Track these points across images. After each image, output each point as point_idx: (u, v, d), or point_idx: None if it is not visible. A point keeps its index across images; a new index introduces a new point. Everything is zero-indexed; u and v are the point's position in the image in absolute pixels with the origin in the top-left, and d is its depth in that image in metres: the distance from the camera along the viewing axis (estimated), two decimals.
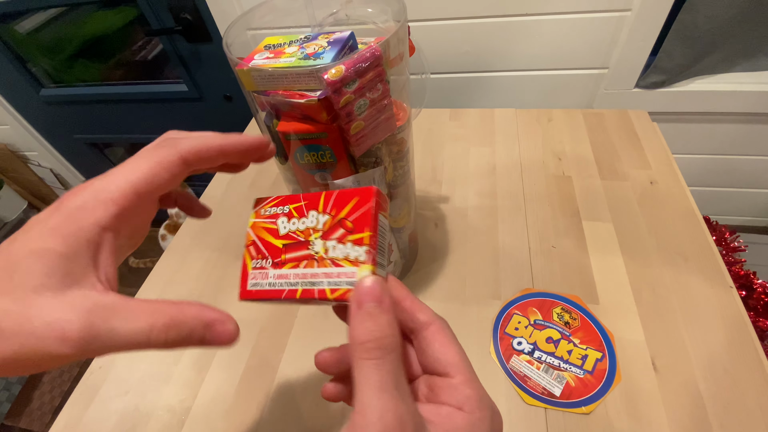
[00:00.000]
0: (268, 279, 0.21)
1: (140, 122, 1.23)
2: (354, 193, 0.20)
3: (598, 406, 0.42)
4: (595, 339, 0.47)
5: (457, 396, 0.19)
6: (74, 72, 1.27)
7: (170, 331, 0.17)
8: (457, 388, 0.19)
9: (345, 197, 0.21)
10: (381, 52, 0.28)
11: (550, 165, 0.67)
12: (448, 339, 0.21)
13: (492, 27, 0.78)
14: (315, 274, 0.20)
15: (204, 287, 0.58)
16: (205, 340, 0.18)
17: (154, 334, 0.16)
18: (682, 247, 0.54)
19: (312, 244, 0.20)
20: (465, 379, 0.20)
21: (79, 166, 1.45)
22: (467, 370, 0.20)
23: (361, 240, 0.19)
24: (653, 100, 0.85)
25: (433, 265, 0.56)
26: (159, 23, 0.92)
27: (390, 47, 0.32)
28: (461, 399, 0.19)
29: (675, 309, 0.48)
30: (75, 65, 1.28)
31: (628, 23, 0.74)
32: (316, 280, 0.20)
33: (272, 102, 0.30)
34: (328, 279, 0.19)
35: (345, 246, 0.19)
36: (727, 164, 0.98)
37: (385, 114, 0.32)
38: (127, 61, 1.26)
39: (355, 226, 0.19)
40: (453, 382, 0.20)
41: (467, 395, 0.19)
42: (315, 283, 0.20)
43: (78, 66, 1.28)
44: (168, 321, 0.17)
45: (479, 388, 0.20)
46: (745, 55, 0.80)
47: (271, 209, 0.24)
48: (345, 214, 0.20)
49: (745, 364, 0.43)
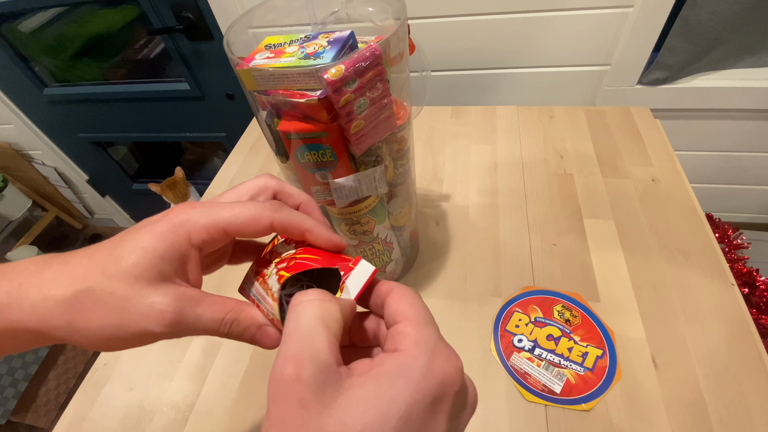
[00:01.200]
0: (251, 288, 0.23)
1: (143, 121, 1.24)
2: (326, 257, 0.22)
3: (598, 403, 0.42)
4: (596, 336, 0.47)
5: (396, 338, 0.18)
6: (77, 71, 1.27)
7: (233, 325, 0.21)
8: (397, 330, 0.18)
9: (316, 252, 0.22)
10: (381, 51, 0.28)
11: (551, 162, 0.67)
12: (403, 293, 0.20)
13: (494, 24, 0.78)
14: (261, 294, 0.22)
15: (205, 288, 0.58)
16: (255, 339, 0.22)
17: (223, 325, 0.20)
18: (683, 245, 0.54)
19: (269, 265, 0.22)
20: (408, 322, 0.18)
21: (82, 165, 1.46)
22: (415, 314, 0.19)
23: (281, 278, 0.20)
24: (656, 97, 0.84)
25: (435, 263, 0.56)
26: (161, 22, 0.92)
27: (390, 46, 0.32)
28: (398, 339, 0.18)
29: (676, 306, 0.48)
30: (78, 64, 1.28)
31: (630, 20, 0.73)
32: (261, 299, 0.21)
33: (273, 101, 0.31)
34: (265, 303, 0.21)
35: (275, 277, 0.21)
36: (731, 161, 0.97)
37: (386, 113, 0.32)
38: (129, 59, 1.26)
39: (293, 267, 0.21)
40: (398, 327, 0.18)
41: (404, 334, 0.18)
42: (260, 301, 0.21)
43: (81, 65, 1.29)
44: (234, 317, 0.21)
45: (423, 329, 0.18)
46: (749, 50, 0.79)
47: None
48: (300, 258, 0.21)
49: (746, 361, 0.43)
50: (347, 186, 0.36)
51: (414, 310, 0.19)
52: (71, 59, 1.27)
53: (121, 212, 1.70)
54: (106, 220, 1.75)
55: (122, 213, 1.70)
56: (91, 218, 1.76)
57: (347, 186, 0.36)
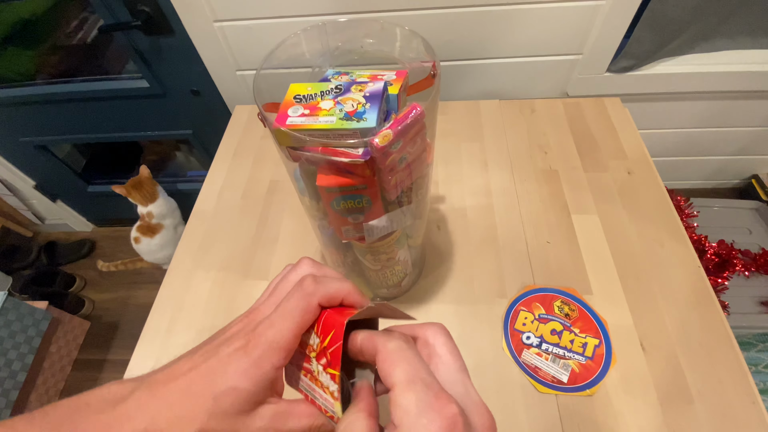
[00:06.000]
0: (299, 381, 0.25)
1: (95, 121, 1.13)
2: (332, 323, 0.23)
3: (599, 387, 0.48)
4: (592, 327, 0.53)
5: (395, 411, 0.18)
6: (3, 61, 1.13)
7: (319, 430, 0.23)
8: (394, 402, 0.18)
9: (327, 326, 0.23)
10: (423, 111, 0.29)
11: (537, 159, 0.71)
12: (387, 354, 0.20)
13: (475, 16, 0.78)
14: (313, 388, 0.23)
15: (216, 310, 0.58)
16: None
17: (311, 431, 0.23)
18: (658, 234, 0.60)
19: (311, 362, 0.23)
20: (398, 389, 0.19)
21: (27, 170, 1.32)
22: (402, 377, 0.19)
23: (334, 377, 0.22)
24: (622, 83, 0.90)
25: (441, 269, 0.59)
26: (112, 17, 0.83)
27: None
28: (396, 414, 0.18)
29: (656, 293, 0.55)
30: (3, 54, 1.14)
31: (602, 12, 0.76)
32: (316, 395, 0.23)
33: (312, 159, 0.31)
34: (322, 399, 0.23)
35: (326, 375, 0.22)
36: (686, 136, 1.07)
37: (420, 158, 0.33)
38: (63, 45, 1.13)
39: (331, 359, 0.22)
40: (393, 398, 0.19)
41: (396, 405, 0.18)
42: (315, 397, 0.23)
43: (7, 55, 1.14)
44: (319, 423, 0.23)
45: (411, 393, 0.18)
46: (705, 37, 0.86)
47: None
48: (327, 344, 0.23)
49: (715, 337, 0.51)
50: (380, 226, 0.37)
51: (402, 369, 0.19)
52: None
53: (77, 216, 1.57)
54: (60, 225, 1.61)
55: (77, 217, 1.58)
56: (41, 224, 1.62)
57: (380, 226, 0.37)
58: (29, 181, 1.36)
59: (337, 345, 0.21)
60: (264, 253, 0.63)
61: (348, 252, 0.48)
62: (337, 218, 0.37)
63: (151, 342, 0.56)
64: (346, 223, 0.37)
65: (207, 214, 0.69)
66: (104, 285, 1.50)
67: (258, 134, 0.80)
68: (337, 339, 0.21)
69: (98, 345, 1.35)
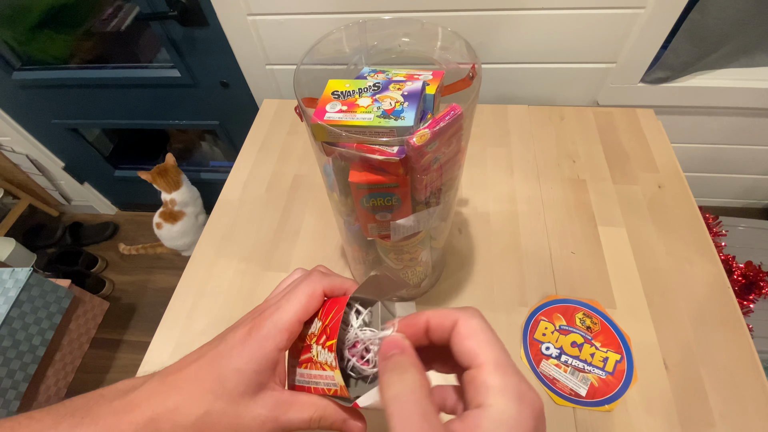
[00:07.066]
0: (296, 376, 0.26)
1: (125, 107, 1.16)
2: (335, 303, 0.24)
3: (619, 404, 0.47)
4: (614, 342, 0.51)
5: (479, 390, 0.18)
6: (38, 44, 1.16)
7: (322, 421, 0.23)
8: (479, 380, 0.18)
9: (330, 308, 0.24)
10: (462, 112, 0.28)
11: (564, 167, 0.70)
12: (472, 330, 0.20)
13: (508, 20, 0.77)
14: (313, 375, 0.24)
15: (236, 300, 0.59)
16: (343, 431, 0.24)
17: (312, 422, 0.23)
18: (687, 252, 0.59)
19: (312, 348, 0.24)
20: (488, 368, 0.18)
21: (58, 152, 1.36)
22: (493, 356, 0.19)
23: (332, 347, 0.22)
24: (655, 95, 0.87)
25: (461, 273, 0.59)
26: (149, 6, 0.85)
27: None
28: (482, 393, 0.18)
29: (682, 311, 0.54)
30: (39, 37, 1.17)
31: (641, 21, 0.74)
32: (317, 380, 0.24)
33: (347, 155, 0.31)
34: (323, 380, 0.23)
35: (325, 351, 0.23)
36: (716, 153, 1.04)
37: (453, 160, 0.33)
38: (97, 31, 1.16)
39: (331, 333, 0.23)
40: (478, 376, 0.18)
41: (487, 385, 0.18)
42: (318, 382, 0.24)
43: (42, 38, 1.18)
44: (322, 414, 0.23)
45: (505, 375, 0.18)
46: (745, 51, 0.83)
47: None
48: (328, 322, 0.24)
49: (741, 360, 0.49)
50: (407, 225, 0.37)
51: (490, 350, 0.19)
52: (30, 31, 1.15)
53: (102, 199, 1.62)
54: (85, 207, 1.66)
55: (103, 200, 1.62)
56: (68, 205, 1.67)
57: (407, 225, 0.37)
58: (59, 162, 1.40)
59: (338, 317, 0.22)
60: (286, 246, 0.64)
61: (370, 249, 0.48)
62: (364, 215, 0.37)
63: (171, 327, 0.57)
64: (373, 221, 0.37)
65: (232, 205, 0.70)
66: (124, 267, 1.54)
67: (284, 129, 0.81)
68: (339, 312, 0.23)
69: (116, 325, 1.39)
